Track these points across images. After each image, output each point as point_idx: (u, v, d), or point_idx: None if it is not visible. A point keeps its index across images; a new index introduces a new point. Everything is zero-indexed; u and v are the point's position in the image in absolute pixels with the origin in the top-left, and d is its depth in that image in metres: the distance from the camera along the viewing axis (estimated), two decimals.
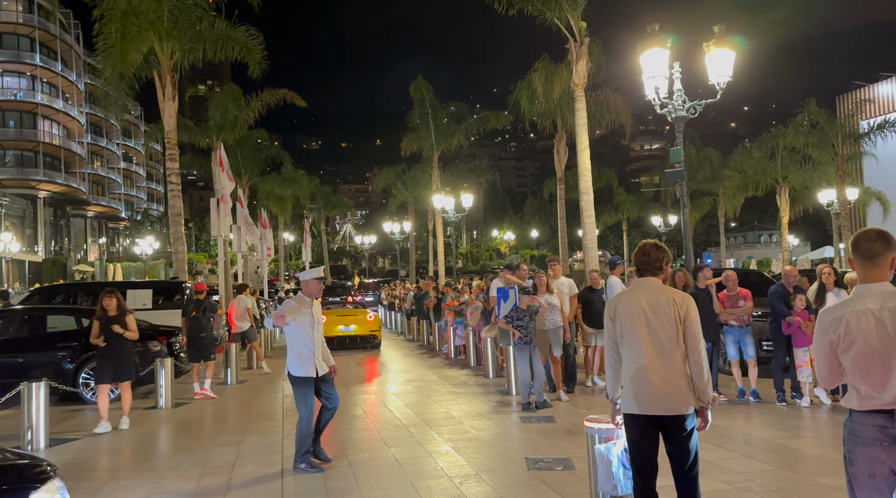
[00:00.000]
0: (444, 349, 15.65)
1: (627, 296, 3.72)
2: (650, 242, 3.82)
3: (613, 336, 3.73)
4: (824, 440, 6.44)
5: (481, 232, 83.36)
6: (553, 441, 6.75)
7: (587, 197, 12.03)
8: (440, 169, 34.41)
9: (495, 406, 8.81)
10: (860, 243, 2.81)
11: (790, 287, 8.37)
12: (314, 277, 6.47)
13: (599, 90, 19.90)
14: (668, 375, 3.54)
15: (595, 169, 36.18)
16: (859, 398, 2.75)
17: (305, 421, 6.04)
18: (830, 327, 2.80)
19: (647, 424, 3.59)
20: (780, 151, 27.50)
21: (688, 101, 9.70)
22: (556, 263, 10.32)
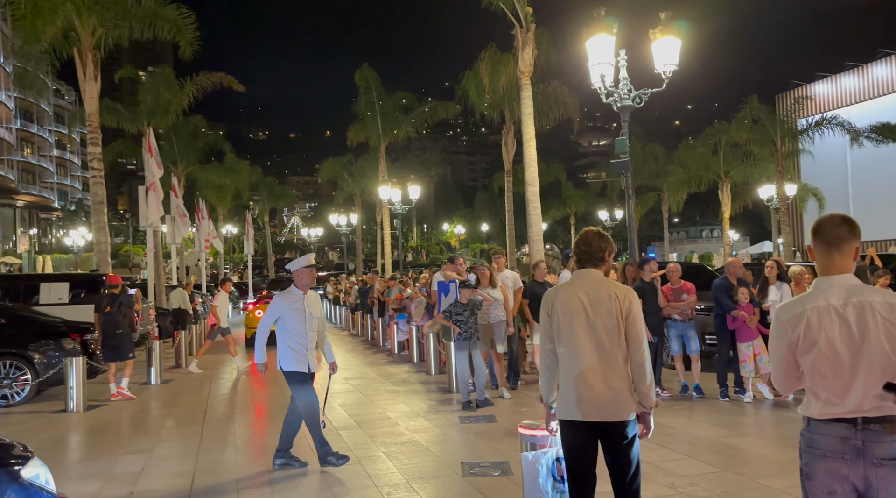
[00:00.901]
0: (387, 345, 15.18)
1: (566, 289, 3.34)
2: (592, 230, 3.44)
3: (550, 333, 3.35)
4: (768, 439, 6.26)
5: (432, 225, 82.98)
6: (492, 443, 6.38)
7: (533, 188, 11.75)
8: (389, 160, 33.77)
9: (435, 405, 8.39)
10: (824, 227, 2.48)
11: (734, 280, 8.23)
12: (304, 266, 5.98)
13: (548, 83, 19.69)
14: (608, 378, 3.17)
15: (544, 163, 36.35)
16: (819, 405, 2.42)
17: (312, 413, 5.74)
18: (789, 326, 2.46)
19: (586, 431, 3.22)
20: (723, 147, 27.98)
21: (633, 90, 9.46)
22: (499, 256, 9.96)
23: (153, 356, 10.92)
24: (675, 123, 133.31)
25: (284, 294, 5.98)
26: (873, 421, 2.33)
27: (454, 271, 9.77)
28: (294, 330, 5.77)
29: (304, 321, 5.79)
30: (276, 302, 5.90)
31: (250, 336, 16.44)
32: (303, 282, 5.94)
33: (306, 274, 5.96)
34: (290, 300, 5.87)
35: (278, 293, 6.12)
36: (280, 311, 5.82)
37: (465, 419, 7.43)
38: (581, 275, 3.37)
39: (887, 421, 2.33)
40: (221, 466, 5.94)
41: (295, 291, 5.92)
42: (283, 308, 5.82)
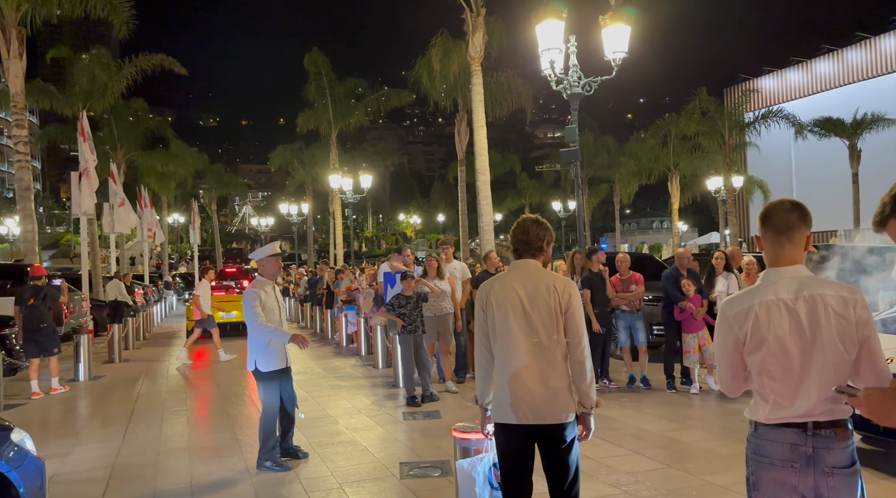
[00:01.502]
0: (335, 338, 14.80)
1: (502, 282, 3.08)
2: (530, 218, 3.18)
3: (485, 329, 3.08)
4: (714, 432, 6.17)
5: (387, 216, 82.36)
6: (434, 441, 6.12)
7: (483, 177, 11.51)
8: (343, 149, 33.12)
9: (379, 401, 8.09)
10: (773, 214, 2.26)
11: (684, 270, 8.15)
12: (270, 255, 5.59)
13: (500, 71, 19.47)
14: (546, 377, 2.93)
15: (499, 154, 36.29)
16: (767, 409, 2.21)
17: (271, 416, 5.44)
18: (736, 322, 2.24)
19: (521, 435, 2.97)
20: (673, 139, 28.34)
21: (583, 78, 9.28)
22: (447, 247, 9.70)
23: (81, 351, 10.28)
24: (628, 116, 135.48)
25: (258, 285, 5.59)
26: (824, 426, 2.14)
27: (401, 262, 9.47)
28: (272, 323, 5.45)
29: (281, 313, 5.53)
30: (254, 293, 5.48)
31: (191, 329, 15.90)
32: (269, 271, 5.63)
33: (272, 263, 5.63)
34: (265, 291, 5.51)
35: (250, 285, 5.73)
36: (262, 300, 5.45)
37: (409, 416, 7.16)
38: (518, 266, 3.11)
39: (839, 426, 2.14)
40: (142, 471, 5.52)
41: (265, 282, 5.58)
42: (263, 298, 5.46)
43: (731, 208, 26.41)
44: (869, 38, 32.77)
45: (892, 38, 31.78)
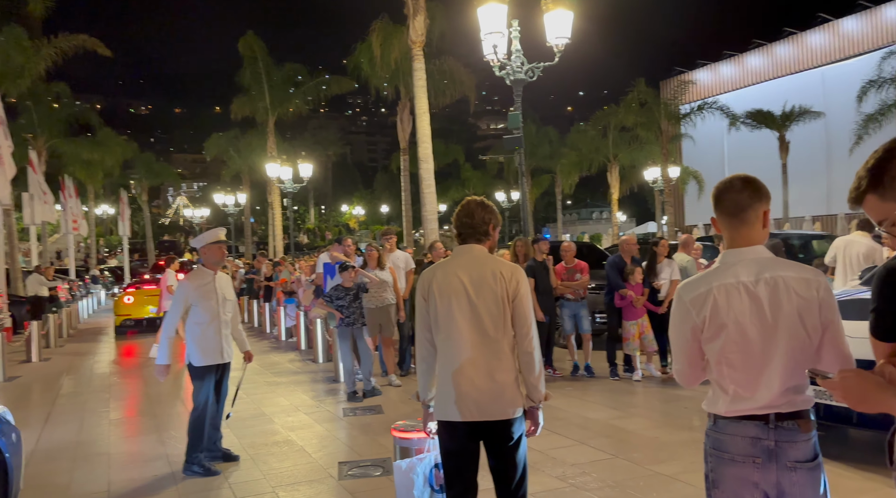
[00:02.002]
0: (274, 332, 14.31)
1: (445, 269, 2.85)
2: (475, 200, 2.95)
3: (426, 320, 2.86)
4: (657, 420, 6.15)
5: (330, 207, 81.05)
6: (375, 438, 5.87)
7: (426, 165, 11.26)
8: (282, 138, 32.17)
9: (319, 397, 7.77)
10: (723, 196, 2.11)
11: (628, 258, 8.13)
12: (212, 242, 5.15)
13: (443, 59, 19.21)
14: (493, 370, 2.73)
15: (442, 144, 36.02)
16: (726, 401, 2.06)
17: (200, 415, 5.09)
18: (693, 308, 2.08)
19: (465, 433, 2.76)
20: (612, 130, 28.77)
21: (526, 63, 9.14)
22: (390, 236, 9.41)
23: None
24: (568, 109, 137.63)
25: (193, 276, 5.21)
26: (787, 417, 2.00)
27: (341, 252, 9.15)
28: (208, 316, 5.08)
29: (220, 305, 5.13)
30: (184, 287, 5.12)
31: (119, 324, 15.18)
32: (212, 260, 5.22)
33: (215, 251, 5.22)
34: (199, 283, 5.13)
35: (184, 277, 5.31)
36: (189, 297, 5.07)
37: (349, 412, 6.88)
38: (462, 252, 2.89)
39: (802, 417, 2.01)
40: (54, 480, 5.06)
41: (204, 272, 5.19)
42: (193, 293, 5.08)
43: (668, 198, 27.03)
44: (796, 33, 34.06)
45: (818, 33, 33.13)
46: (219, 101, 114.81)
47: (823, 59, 32.70)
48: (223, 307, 5.25)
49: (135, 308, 15.14)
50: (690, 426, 5.77)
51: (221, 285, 5.30)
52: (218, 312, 5.20)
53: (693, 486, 4.33)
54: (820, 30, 32.92)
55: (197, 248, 5.32)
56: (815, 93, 30.47)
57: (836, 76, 31.36)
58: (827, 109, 28.66)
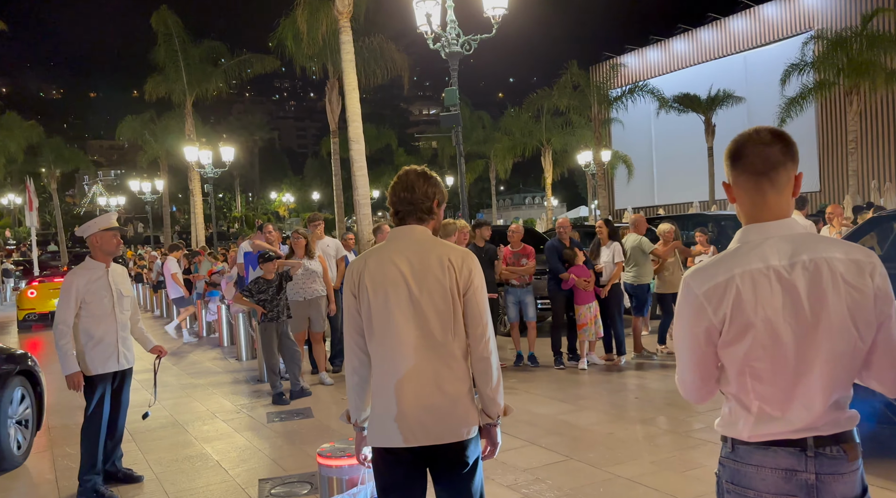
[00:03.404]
0: (194, 327, 13.31)
1: (378, 256, 2.26)
2: (415, 170, 2.36)
3: (357, 322, 2.27)
4: (608, 412, 5.77)
5: (258, 194, 78.38)
6: (303, 447, 5.23)
7: (357, 146, 10.55)
8: (204, 122, 30.49)
9: (241, 400, 7.04)
10: (747, 149, 1.60)
11: (567, 240, 7.76)
12: (103, 229, 4.38)
13: (373, 36, 18.39)
14: (442, 381, 2.18)
15: (375, 129, 35.04)
16: (749, 422, 1.57)
17: (95, 431, 4.39)
18: (709, 303, 1.57)
19: (411, 461, 2.21)
20: (545, 114, 28.64)
21: (462, 35, 8.57)
22: (318, 222, 8.69)
23: None
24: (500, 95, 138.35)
25: (80, 270, 4.42)
26: (829, 442, 1.53)
27: (264, 241, 8.37)
28: (100, 315, 4.36)
29: (114, 303, 4.42)
30: (71, 282, 4.34)
31: (22, 318, 14.15)
32: (104, 249, 4.44)
33: (107, 239, 4.44)
34: (89, 277, 4.37)
35: (72, 270, 4.49)
36: (79, 292, 4.31)
37: (275, 417, 6.20)
38: (400, 234, 2.30)
39: (847, 440, 1.54)
40: None
41: (94, 265, 4.42)
42: (83, 288, 4.32)
43: (600, 181, 27.18)
44: (719, 18, 34.89)
45: (740, 19, 34.02)
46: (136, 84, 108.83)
47: (746, 44, 33.64)
48: (119, 305, 4.50)
49: (39, 302, 14.29)
50: (644, 420, 5.41)
51: (116, 279, 4.54)
52: (113, 311, 4.45)
53: (656, 490, 3.94)
54: (742, 15, 33.82)
55: (84, 236, 4.51)
56: (738, 77, 31.32)
57: (757, 61, 32.33)
58: (749, 94, 29.47)
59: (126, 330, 4.59)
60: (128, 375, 4.68)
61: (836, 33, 19.96)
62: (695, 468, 4.26)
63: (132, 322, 4.69)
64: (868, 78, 18.69)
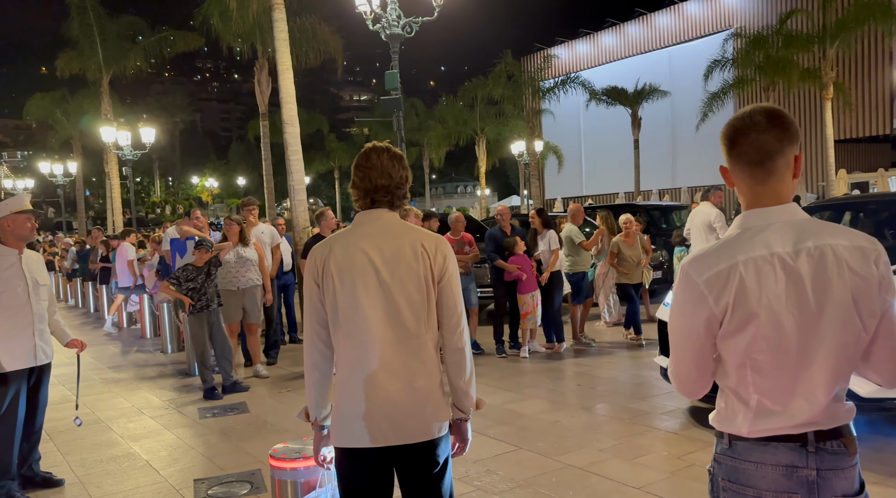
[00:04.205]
0: (113, 318, 12.57)
1: (345, 242, 2.08)
2: (381, 147, 2.17)
3: (320, 313, 2.09)
4: (554, 401, 5.78)
5: (179, 178, 75.17)
6: (240, 444, 4.97)
7: (292, 129, 10.13)
8: (121, 102, 28.76)
9: (169, 395, 6.65)
10: (742, 137, 1.53)
11: (507, 228, 7.72)
12: (16, 211, 3.99)
13: (305, 17, 17.78)
14: (414, 376, 2.05)
15: (305, 113, 34.07)
16: (748, 416, 1.51)
17: (8, 433, 4.00)
18: (710, 291, 1.49)
19: (377, 462, 2.06)
20: (479, 103, 28.68)
21: (403, 17, 8.35)
22: (252, 208, 8.31)
23: None
24: (431, 83, 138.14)
25: None
26: (829, 436, 1.48)
27: (193, 227, 7.93)
28: (13, 306, 3.97)
29: (29, 292, 4.04)
30: None
31: None
32: (16, 234, 4.05)
33: (20, 223, 4.04)
34: (3, 261, 3.99)
35: None
36: None
37: (207, 413, 5.87)
38: (367, 220, 2.13)
39: (845, 434, 1.50)
40: None
41: (6, 252, 4.02)
42: None
43: (534, 171, 27.51)
44: (646, 14, 35.91)
45: (665, 15, 35.13)
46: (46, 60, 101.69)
47: (670, 40, 34.78)
48: (35, 294, 4.11)
49: None
50: (588, 407, 5.44)
51: (31, 267, 4.15)
52: (28, 301, 4.06)
53: (608, 479, 3.94)
54: (667, 12, 34.92)
55: None
56: (663, 72, 32.35)
57: (681, 56, 33.50)
58: (673, 88, 30.51)
59: (43, 322, 4.20)
60: (46, 371, 4.29)
61: (754, 32, 20.86)
62: (643, 455, 4.29)
63: (49, 313, 4.30)
64: (784, 75, 19.63)
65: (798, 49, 19.54)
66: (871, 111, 27.28)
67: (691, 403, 5.33)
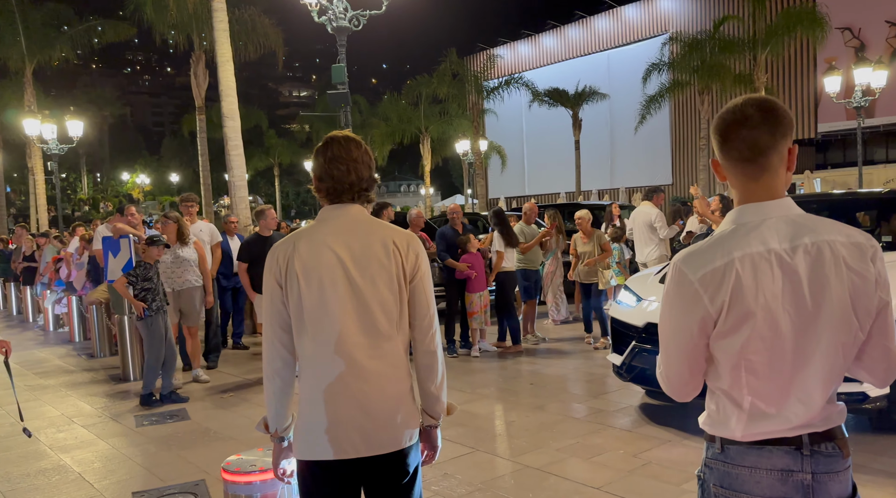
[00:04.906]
0: (39, 321, 11.87)
1: (310, 239, 1.93)
2: (353, 142, 2.00)
3: (282, 316, 1.93)
4: (506, 400, 5.73)
5: (108, 175, 71.95)
6: (181, 453, 4.70)
7: (232, 123, 9.73)
8: (45, 94, 27.29)
9: (102, 402, 6.26)
10: (733, 133, 1.47)
11: (459, 227, 7.66)
12: None
13: (244, 8, 17.26)
14: (385, 382, 1.92)
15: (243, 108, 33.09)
16: (742, 420, 1.46)
17: None
18: (705, 289, 1.43)
19: (344, 475, 1.93)
20: (424, 101, 28.56)
21: (350, 10, 8.15)
22: (192, 205, 7.95)
23: None
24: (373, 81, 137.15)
25: None
26: (822, 438, 1.45)
27: (127, 224, 7.52)
28: None
29: None
30: None
31: None
32: None
33: None
34: None
35: None
36: None
37: (144, 420, 5.55)
38: (333, 214, 1.97)
39: (839, 436, 1.47)
40: None
41: None
42: None
43: (479, 170, 27.59)
44: (585, 17, 36.58)
45: (604, 18, 35.87)
46: None
47: (609, 43, 35.54)
48: None
49: None
50: (541, 406, 5.42)
51: None
52: None
53: (567, 479, 3.90)
54: (606, 15, 35.68)
55: None
56: (602, 75, 33.04)
57: (619, 60, 34.28)
58: (612, 91, 31.20)
59: None
60: None
61: (690, 37, 21.54)
62: (599, 454, 4.28)
63: None
64: (718, 79, 20.33)
65: (731, 54, 20.28)
66: (797, 116, 28.63)
67: (643, 399, 5.38)
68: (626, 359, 4.83)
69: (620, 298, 5.33)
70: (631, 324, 4.91)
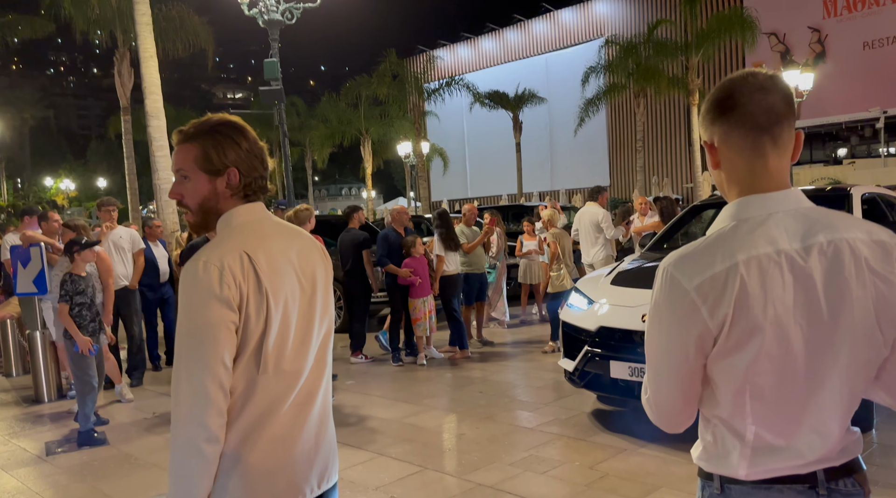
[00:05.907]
0: None
1: (263, 248, 1.49)
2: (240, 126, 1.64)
3: (230, 347, 1.42)
4: (455, 411, 5.46)
5: (29, 180, 68.15)
6: (97, 485, 4.22)
7: (157, 123, 9.11)
8: None
9: (11, 428, 5.65)
10: (743, 96, 1.22)
11: (401, 229, 7.36)
12: None
13: (172, 5, 16.47)
14: (328, 408, 1.65)
15: (173, 109, 31.80)
16: (746, 454, 1.21)
17: None
18: (704, 300, 1.18)
19: None
20: (363, 103, 28.10)
21: (283, 3, 7.73)
22: (111, 209, 7.34)
23: None
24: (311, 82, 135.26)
25: None
26: (841, 473, 1.22)
27: (47, 231, 6.87)
28: None
29: None
30: None
31: None
32: None
33: None
34: None
35: None
36: None
37: (56, 447, 5.00)
38: (262, 216, 1.58)
39: (858, 469, 1.25)
40: None
41: None
42: None
43: (421, 172, 27.32)
44: (523, 20, 36.92)
45: (541, 22, 36.29)
46: None
47: (547, 47, 35.97)
48: None
49: None
50: (491, 416, 5.17)
51: None
52: None
53: (522, 497, 3.65)
54: (543, 19, 36.12)
55: None
56: (540, 78, 33.37)
57: (557, 63, 34.73)
58: (550, 94, 31.55)
59: None
60: None
61: (626, 40, 21.91)
62: (554, 467, 4.06)
63: None
64: (653, 82, 20.73)
65: (665, 57, 20.71)
66: None
67: (595, 404, 5.21)
68: (579, 364, 4.63)
69: (571, 301, 5.14)
70: (583, 328, 4.72)
